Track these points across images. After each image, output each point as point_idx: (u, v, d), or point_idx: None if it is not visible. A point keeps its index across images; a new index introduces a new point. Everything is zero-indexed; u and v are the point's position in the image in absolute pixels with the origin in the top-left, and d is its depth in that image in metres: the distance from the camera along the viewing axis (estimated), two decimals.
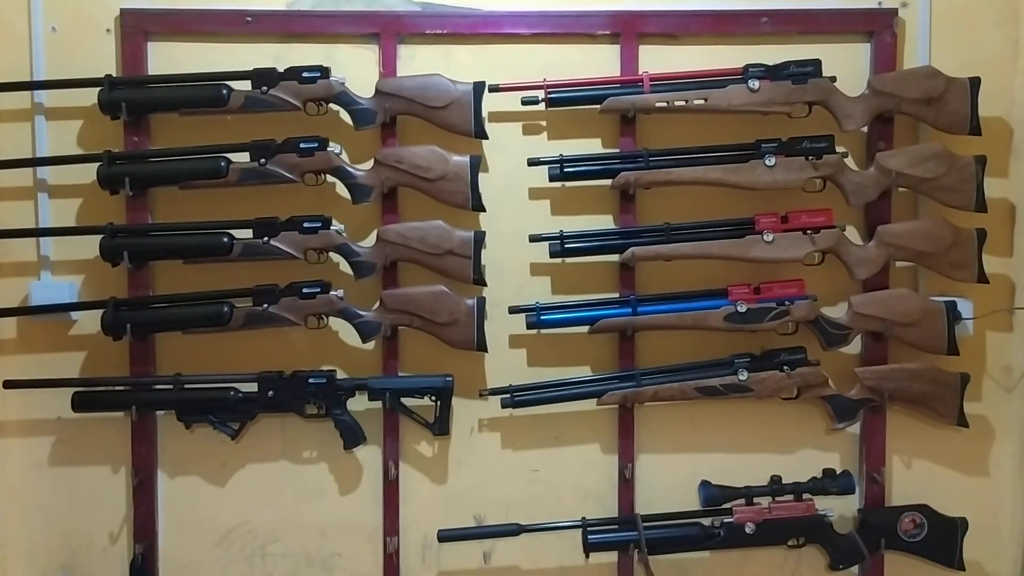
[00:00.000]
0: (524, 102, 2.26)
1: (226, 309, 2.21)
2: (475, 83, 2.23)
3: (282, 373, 2.25)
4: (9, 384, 2.24)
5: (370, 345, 2.30)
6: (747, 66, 2.23)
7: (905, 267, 2.37)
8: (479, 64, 2.32)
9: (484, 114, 2.25)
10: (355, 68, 2.29)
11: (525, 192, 2.35)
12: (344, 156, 2.25)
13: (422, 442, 2.37)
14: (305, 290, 2.23)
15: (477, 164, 2.23)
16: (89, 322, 2.29)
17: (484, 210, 2.25)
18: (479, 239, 2.24)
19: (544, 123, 2.35)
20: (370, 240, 2.30)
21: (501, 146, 2.32)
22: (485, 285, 2.26)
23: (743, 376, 2.23)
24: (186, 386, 2.25)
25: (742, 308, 2.22)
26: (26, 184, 2.30)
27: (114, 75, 2.24)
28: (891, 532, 2.29)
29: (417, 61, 2.33)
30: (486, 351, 2.27)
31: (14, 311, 2.28)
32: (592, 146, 2.34)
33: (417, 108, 2.23)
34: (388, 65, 2.30)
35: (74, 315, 2.30)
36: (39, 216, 2.29)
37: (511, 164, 2.33)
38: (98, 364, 2.31)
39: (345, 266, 2.28)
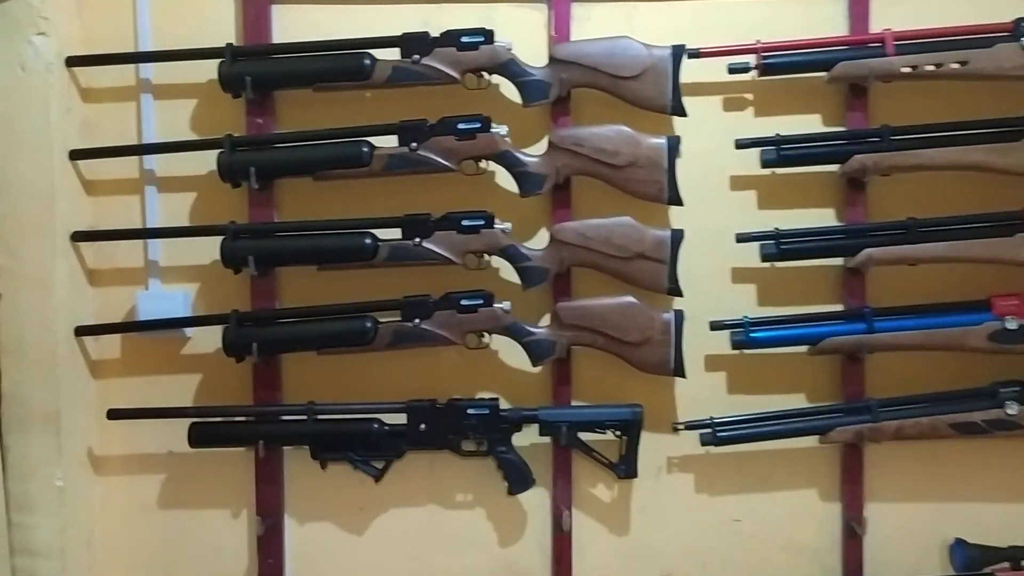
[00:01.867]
0: (732, 70, 1.88)
1: (369, 325, 1.88)
2: (674, 47, 1.85)
3: (435, 402, 1.91)
4: (114, 414, 1.93)
5: (535, 368, 1.94)
6: (1019, 20, 1.82)
7: None
8: (668, 25, 1.95)
9: None
10: (517, 33, 1.92)
11: (726, 180, 1.98)
12: (508, 139, 1.90)
13: (598, 484, 2.01)
14: (465, 302, 1.88)
15: (676, 147, 1.86)
16: (205, 339, 1.98)
17: (681, 203, 1.88)
18: (677, 239, 1.87)
19: (750, 96, 1.96)
20: (539, 241, 1.95)
21: (697, 125, 1.92)
22: (681, 295, 1.89)
23: (1012, 410, 1.81)
24: (320, 417, 1.92)
25: (1012, 325, 1.81)
26: (131, 176, 1.98)
27: (235, 44, 1.92)
28: None
29: (593, 22, 1.96)
30: (683, 376, 1.90)
31: (118, 327, 1.97)
32: (809, 124, 1.95)
33: (601, 79, 1.86)
34: (561, 27, 1.93)
35: (188, 331, 1.98)
36: (147, 214, 1.98)
37: (709, 147, 1.95)
38: (216, 390, 2.00)
39: (506, 272, 1.93)
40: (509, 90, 1.91)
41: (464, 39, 1.85)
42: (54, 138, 1.88)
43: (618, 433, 1.91)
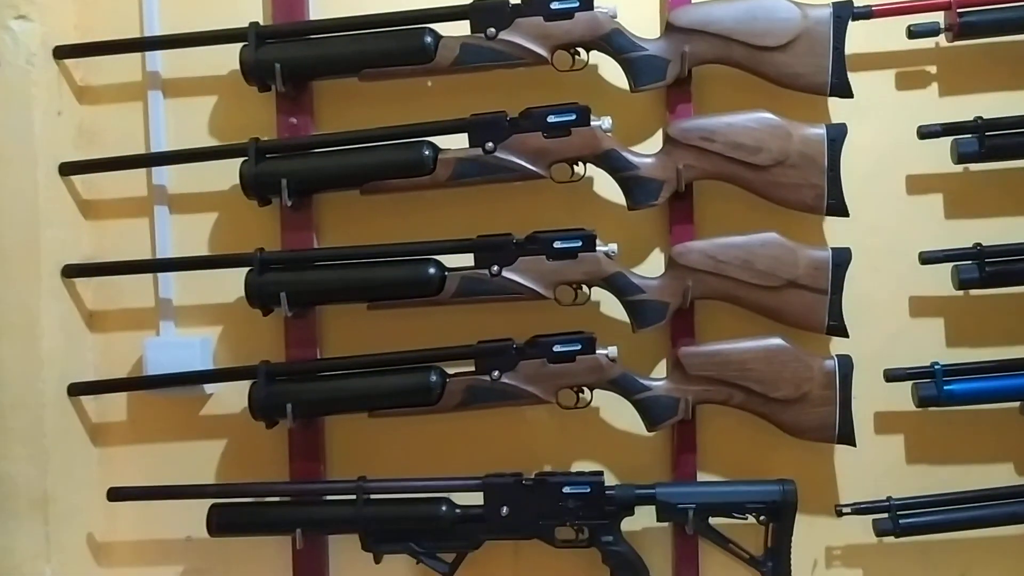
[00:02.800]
0: (914, 33, 1.45)
1: (434, 379, 1.48)
2: (836, 5, 1.42)
3: (521, 478, 1.49)
4: (116, 494, 1.55)
5: (651, 433, 1.51)
6: None
7: None
8: None
9: None
10: None
11: (902, 182, 1.54)
12: (612, 134, 1.48)
13: None
14: (558, 348, 1.47)
15: (840, 139, 1.43)
16: (229, 398, 1.61)
17: (846, 213, 1.44)
18: (841, 261, 1.44)
19: (933, 69, 1.52)
20: (653, 266, 1.54)
21: (864, 109, 1.49)
22: (846, 335, 1.45)
23: None
24: (373, 497, 1.52)
25: None
26: (137, 194, 1.63)
27: (261, 23, 1.54)
28: None
29: None
30: (852, 443, 1.46)
31: (122, 384, 1.61)
32: (1014, 104, 1.49)
33: (736, 51, 1.43)
34: None
35: (208, 388, 1.61)
36: (157, 242, 1.61)
37: (880, 138, 1.52)
38: (243, 461, 1.62)
39: (610, 307, 1.52)
40: (609, 70, 1.51)
41: (554, 5, 1.44)
42: (39, 149, 1.53)
43: (762, 518, 1.46)
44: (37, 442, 1.52)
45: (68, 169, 1.57)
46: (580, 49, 1.47)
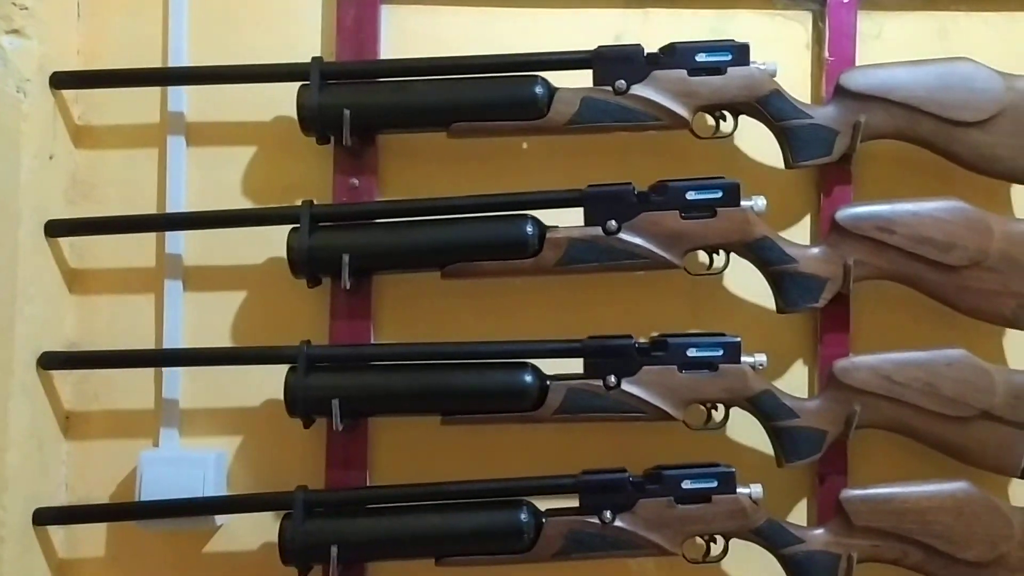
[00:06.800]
0: None
1: (524, 518, 1.20)
2: None
3: None
4: None
5: None
6: None
7: None
8: (1008, 48, 1.32)
9: None
10: (760, 54, 1.27)
11: None
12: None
13: None
14: (688, 484, 1.21)
15: None
16: (244, 530, 1.30)
17: None
18: None
19: None
20: (793, 381, 1.30)
21: None
22: None
23: None
24: None
25: None
26: (144, 264, 1.33)
27: (324, 59, 1.28)
28: None
29: (884, 42, 1.33)
30: None
31: (103, 511, 1.28)
32: None
33: (923, 125, 1.22)
34: (840, 47, 1.30)
35: (219, 518, 1.30)
36: (165, 326, 1.31)
37: None
38: None
39: (742, 431, 1.28)
40: (744, 138, 1.30)
41: (701, 57, 1.22)
42: (24, 201, 1.22)
43: None
44: None
45: (58, 229, 1.26)
46: (726, 113, 1.25)
